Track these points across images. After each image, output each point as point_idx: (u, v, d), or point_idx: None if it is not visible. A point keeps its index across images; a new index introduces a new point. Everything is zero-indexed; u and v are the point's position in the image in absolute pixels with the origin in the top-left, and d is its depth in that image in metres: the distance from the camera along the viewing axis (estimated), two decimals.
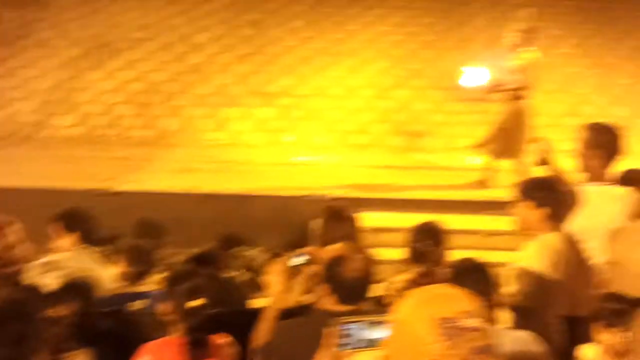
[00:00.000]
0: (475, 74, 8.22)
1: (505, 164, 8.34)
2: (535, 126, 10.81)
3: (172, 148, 10.29)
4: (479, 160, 8.78)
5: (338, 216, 4.36)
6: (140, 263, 4.44)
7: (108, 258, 4.78)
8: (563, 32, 13.11)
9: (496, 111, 8.34)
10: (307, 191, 7.78)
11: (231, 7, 13.75)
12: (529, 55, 7.99)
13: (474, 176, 8.58)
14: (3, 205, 7.41)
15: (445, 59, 12.32)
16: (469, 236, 7.45)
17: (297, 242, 7.33)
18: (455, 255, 4.16)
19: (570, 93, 11.73)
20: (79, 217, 4.90)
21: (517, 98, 8.11)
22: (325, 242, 4.11)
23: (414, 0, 14.10)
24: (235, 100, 11.40)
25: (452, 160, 9.93)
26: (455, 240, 7.00)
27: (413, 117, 11.20)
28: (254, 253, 7.56)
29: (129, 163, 9.11)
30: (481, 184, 8.38)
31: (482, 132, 10.73)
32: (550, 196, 3.91)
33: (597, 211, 4.11)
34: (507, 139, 8.15)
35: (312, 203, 7.45)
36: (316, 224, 4.38)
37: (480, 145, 8.43)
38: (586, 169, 4.25)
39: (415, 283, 4.09)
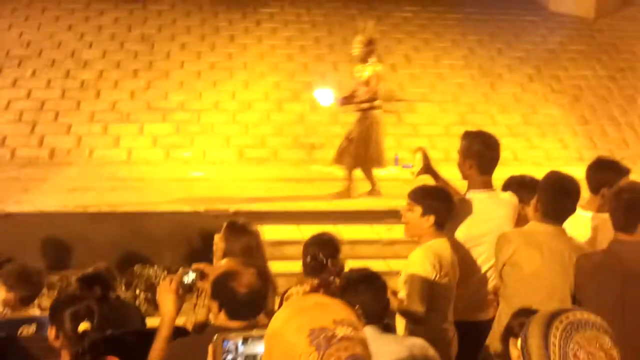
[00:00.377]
0: (325, 91, 8.44)
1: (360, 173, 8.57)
2: (431, 135, 11.20)
3: (65, 167, 10.00)
4: (385, 170, 8.97)
5: (238, 230, 4.36)
6: (27, 287, 4.27)
7: None
8: (449, 44, 13.56)
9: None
10: (205, 206, 7.73)
11: (120, 22, 13.54)
12: (371, 67, 8.21)
13: (336, 187, 8.71)
14: None
15: (337, 72, 12.54)
16: (369, 246, 7.60)
17: (195, 259, 7.31)
18: (356, 265, 4.22)
19: (460, 103, 12.11)
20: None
21: (367, 109, 8.28)
22: (225, 257, 4.16)
23: (302, 14, 14.28)
24: (128, 117, 11.22)
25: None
26: (356, 250, 7.17)
27: (309, 129, 11.30)
28: (153, 271, 7.47)
29: (20, 183, 8.80)
30: (343, 194, 8.49)
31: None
32: (435, 204, 4.03)
33: (483, 217, 4.23)
34: (360, 150, 8.31)
35: (212, 218, 7.43)
36: (219, 239, 4.37)
37: (337, 159, 8.58)
38: (465, 177, 4.38)
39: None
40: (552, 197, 3.74)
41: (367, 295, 3.34)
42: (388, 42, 13.49)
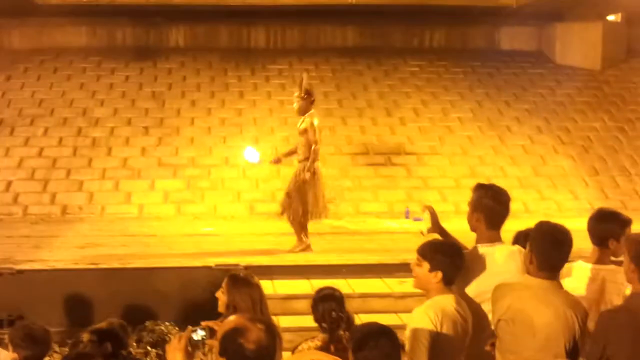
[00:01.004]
0: (252, 151, 8.78)
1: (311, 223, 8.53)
2: (441, 188, 11.20)
3: (77, 223, 10.06)
4: (393, 224, 8.95)
5: (240, 283, 4.35)
6: (32, 347, 4.23)
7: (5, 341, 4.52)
8: (457, 97, 13.68)
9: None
10: (216, 261, 7.70)
11: (131, 80, 13.73)
12: (308, 118, 8.28)
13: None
14: None
15: (346, 126, 12.64)
16: (380, 299, 7.52)
17: (206, 314, 7.25)
18: (367, 319, 4.19)
19: (469, 155, 12.16)
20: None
21: (301, 161, 8.31)
22: (231, 313, 4.12)
23: (310, 70, 14.41)
24: (139, 173, 11.29)
25: (359, 225, 10.07)
26: (367, 303, 7.11)
27: None
28: (164, 327, 7.41)
29: (32, 241, 8.82)
30: (304, 249, 8.43)
31: (386, 196, 11.02)
32: (443, 259, 4.01)
33: (492, 272, 4.20)
34: (301, 201, 8.29)
35: (222, 273, 7.38)
36: (221, 292, 4.36)
37: (281, 212, 8.56)
38: (473, 229, 4.36)
39: (322, 350, 4.09)
40: (545, 248, 3.72)
41: (378, 350, 3.30)
42: (396, 96, 13.64)
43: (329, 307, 4.31)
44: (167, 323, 7.41)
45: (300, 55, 14.88)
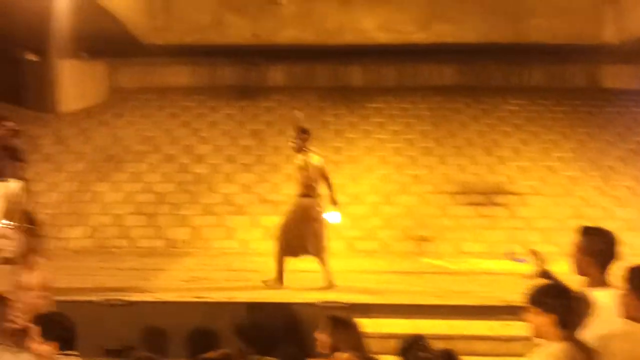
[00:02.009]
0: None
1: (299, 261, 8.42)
2: (545, 229, 10.98)
3: (182, 257, 10.31)
4: (494, 264, 8.81)
5: (342, 324, 4.39)
6: None
7: None
8: (558, 137, 13.44)
9: None
10: (317, 298, 7.73)
11: (232, 118, 14.06)
12: (303, 156, 8.29)
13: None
14: None
15: (444, 165, 12.58)
16: (483, 342, 7.38)
17: (309, 350, 7.28)
18: None
19: (572, 196, 11.90)
20: (55, 324, 4.25)
21: (308, 196, 8.29)
22: (333, 351, 4.18)
23: (408, 109, 14.49)
24: (241, 209, 11.51)
25: (460, 265, 9.96)
26: (470, 346, 6.99)
27: (418, 222, 11.30)
28: None
29: (140, 273, 9.08)
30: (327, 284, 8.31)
31: (487, 236, 10.88)
32: (558, 303, 3.92)
33: (609, 317, 4.10)
34: (295, 237, 8.21)
35: (323, 310, 7.42)
36: (322, 334, 4.41)
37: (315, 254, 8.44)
38: (583, 273, 4.26)
39: None
40: None
41: None
42: (496, 135, 13.51)
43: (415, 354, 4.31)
44: (268, 359, 7.49)
45: (397, 94, 14.95)
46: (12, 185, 9.42)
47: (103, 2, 11.18)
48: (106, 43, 13.71)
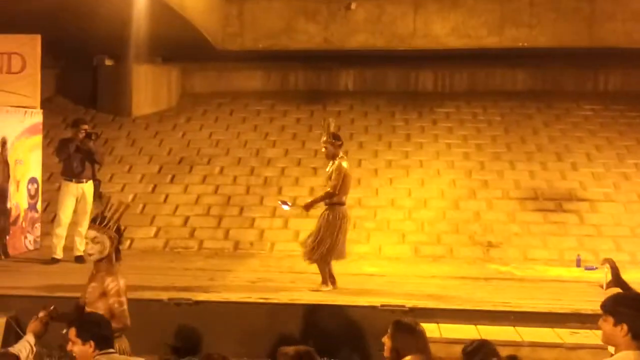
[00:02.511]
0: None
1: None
2: (616, 236, 10.73)
3: (248, 258, 10.46)
4: (563, 272, 8.66)
5: (407, 329, 4.40)
6: None
7: None
8: (633, 143, 13.20)
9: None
10: (381, 301, 7.75)
11: (301, 123, 14.20)
12: (336, 162, 8.25)
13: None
14: None
15: (515, 171, 12.41)
16: (550, 350, 7.27)
17: (369, 353, 7.29)
18: None
19: None
20: (91, 324, 4.29)
21: (327, 205, 8.30)
22: (397, 356, 4.22)
23: (478, 114, 14.36)
24: (308, 212, 11.56)
25: (527, 271, 9.81)
26: (537, 353, 6.90)
27: (486, 227, 11.18)
28: None
29: (207, 273, 9.26)
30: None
31: (556, 242, 10.69)
32: (628, 312, 3.86)
33: None
34: (329, 244, 8.18)
35: (388, 313, 7.43)
36: (387, 338, 4.43)
37: (308, 259, 8.35)
38: None
39: None
40: None
41: None
42: (568, 141, 13.27)
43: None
44: None
45: (468, 99, 14.84)
46: (89, 187, 9.78)
47: (179, 8, 11.44)
48: (180, 48, 14.02)
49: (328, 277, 8.37)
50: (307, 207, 8.64)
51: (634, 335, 3.82)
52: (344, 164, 8.37)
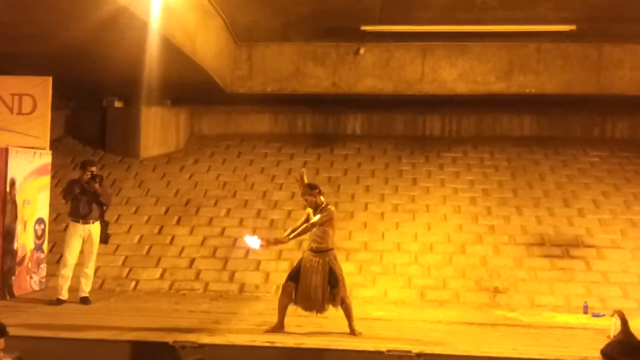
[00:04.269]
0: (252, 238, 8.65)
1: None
2: (623, 283, 10.67)
3: (253, 301, 10.43)
4: (570, 318, 8.58)
5: None
6: None
7: None
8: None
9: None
10: (388, 346, 7.69)
11: (308, 166, 14.23)
12: (325, 209, 8.25)
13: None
14: (89, 357, 7.58)
15: (521, 216, 12.40)
16: None
17: None
18: None
19: None
20: None
21: (329, 249, 8.35)
22: None
23: (485, 159, 14.39)
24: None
25: (534, 317, 9.74)
26: None
27: (492, 273, 11.14)
28: None
29: (211, 316, 9.22)
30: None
31: (563, 289, 10.61)
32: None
33: None
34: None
35: (395, 359, 7.37)
36: None
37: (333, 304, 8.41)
38: None
39: None
40: None
41: None
42: (575, 187, 13.27)
43: None
44: None
45: (475, 144, 14.90)
46: (95, 228, 9.81)
47: (191, 53, 11.57)
48: (190, 91, 14.17)
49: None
50: (281, 241, 8.63)
51: None
52: (332, 208, 8.39)
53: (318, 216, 8.26)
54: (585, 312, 9.91)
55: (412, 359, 7.31)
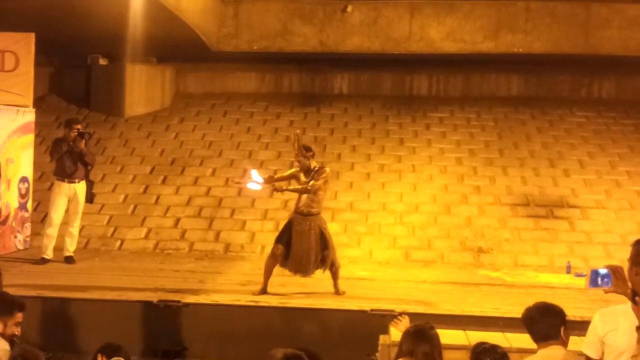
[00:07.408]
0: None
1: None
2: (606, 244, 10.75)
3: (238, 261, 10.45)
4: (553, 278, 8.65)
5: (420, 335, 4.38)
6: None
7: None
8: (626, 150, 13.18)
9: None
10: (371, 306, 7.75)
11: (294, 125, 14.16)
12: (318, 168, 8.29)
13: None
14: (73, 316, 7.60)
15: (507, 176, 12.42)
16: None
17: (360, 357, 7.27)
18: None
19: (638, 210, 11.59)
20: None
21: (318, 213, 8.36)
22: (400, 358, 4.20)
23: (472, 119, 14.36)
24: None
25: (517, 277, 9.83)
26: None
27: (477, 233, 11.18)
28: None
29: (196, 275, 9.25)
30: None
31: (547, 249, 10.68)
32: None
33: None
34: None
35: (378, 318, 7.42)
36: (389, 339, 4.40)
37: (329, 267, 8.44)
38: (633, 284, 4.18)
39: None
40: None
41: None
42: (561, 148, 13.28)
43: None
44: None
45: (462, 104, 14.85)
46: (81, 187, 9.75)
47: (175, 9, 11.42)
48: (175, 49, 14.00)
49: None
50: (278, 189, 8.47)
51: None
52: (329, 170, 8.36)
53: (320, 180, 8.17)
54: (568, 272, 9.99)
55: (395, 317, 7.35)
